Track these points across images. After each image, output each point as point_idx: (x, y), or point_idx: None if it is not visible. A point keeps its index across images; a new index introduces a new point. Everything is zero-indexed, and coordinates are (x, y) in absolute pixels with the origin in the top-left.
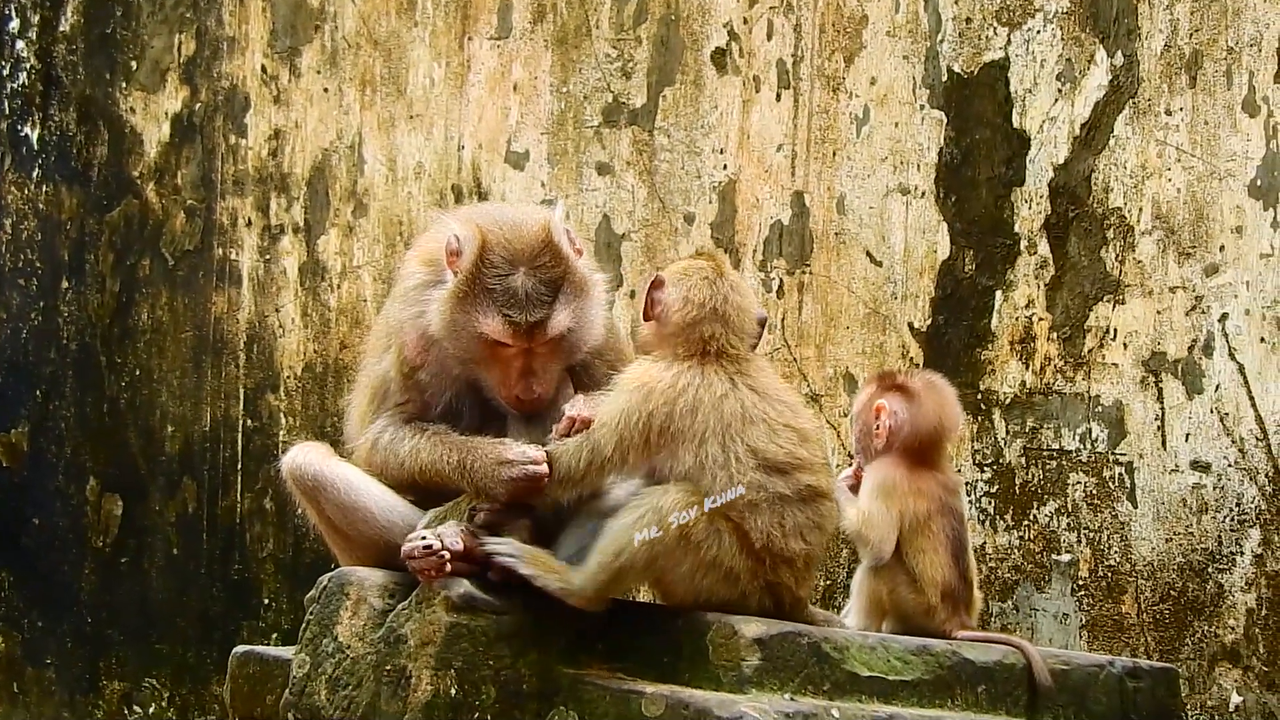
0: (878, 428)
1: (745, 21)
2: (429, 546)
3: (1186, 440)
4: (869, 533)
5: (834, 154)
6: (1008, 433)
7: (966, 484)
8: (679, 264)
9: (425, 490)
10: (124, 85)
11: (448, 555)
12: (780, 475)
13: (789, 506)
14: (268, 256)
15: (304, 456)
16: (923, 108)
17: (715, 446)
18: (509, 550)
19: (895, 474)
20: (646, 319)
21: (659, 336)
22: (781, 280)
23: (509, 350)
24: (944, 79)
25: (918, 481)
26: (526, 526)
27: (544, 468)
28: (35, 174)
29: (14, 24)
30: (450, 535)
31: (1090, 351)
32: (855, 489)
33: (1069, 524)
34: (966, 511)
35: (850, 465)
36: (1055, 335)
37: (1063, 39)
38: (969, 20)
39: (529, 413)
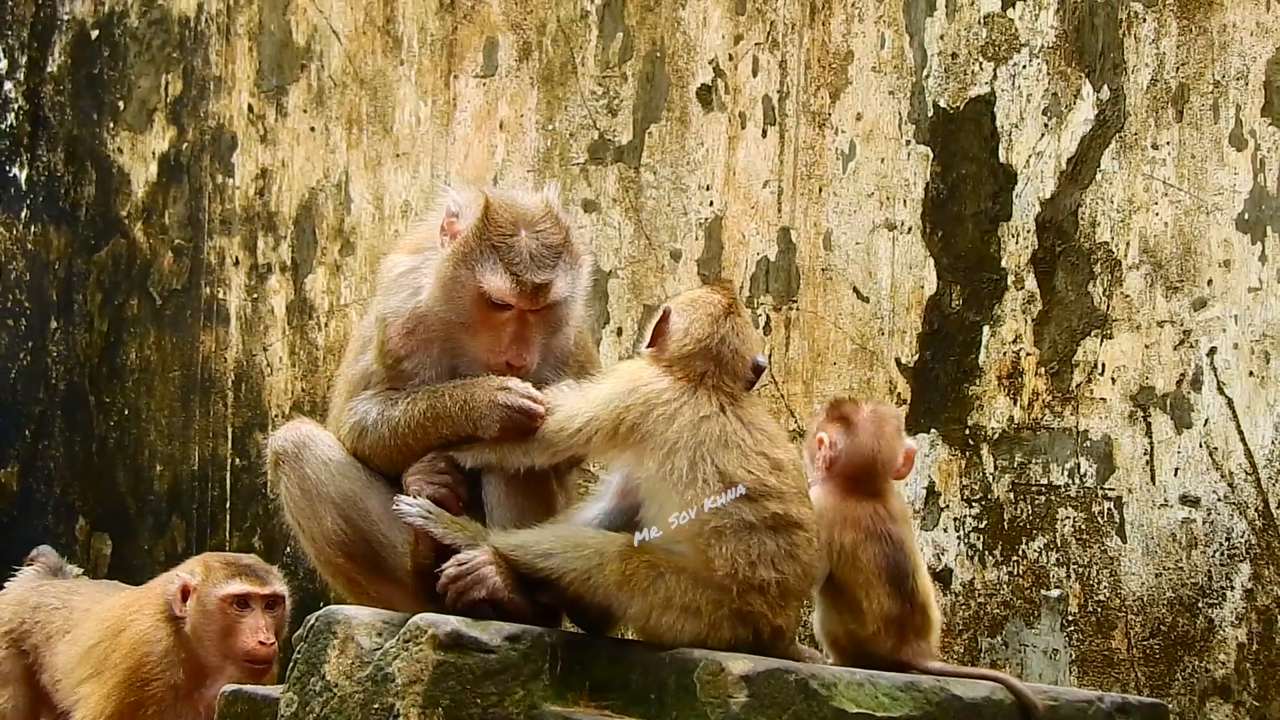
0: (818, 458)
1: (730, 58)
2: None
3: (1175, 475)
4: None
5: (820, 190)
6: (996, 468)
7: (955, 519)
8: (691, 293)
9: (418, 458)
10: (111, 125)
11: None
12: (747, 501)
13: (756, 534)
14: (255, 295)
15: (293, 426)
16: (909, 143)
17: (683, 460)
18: (420, 511)
19: (826, 503)
20: (650, 345)
21: (656, 360)
22: (768, 316)
23: (505, 314)
24: (930, 114)
25: (848, 510)
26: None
27: (540, 406)
28: (23, 214)
29: (2, 65)
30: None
31: (1078, 386)
32: None
33: (1058, 559)
34: (914, 535)
35: None
36: (1043, 370)
37: (1048, 73)
38: (954, 55)
39: None
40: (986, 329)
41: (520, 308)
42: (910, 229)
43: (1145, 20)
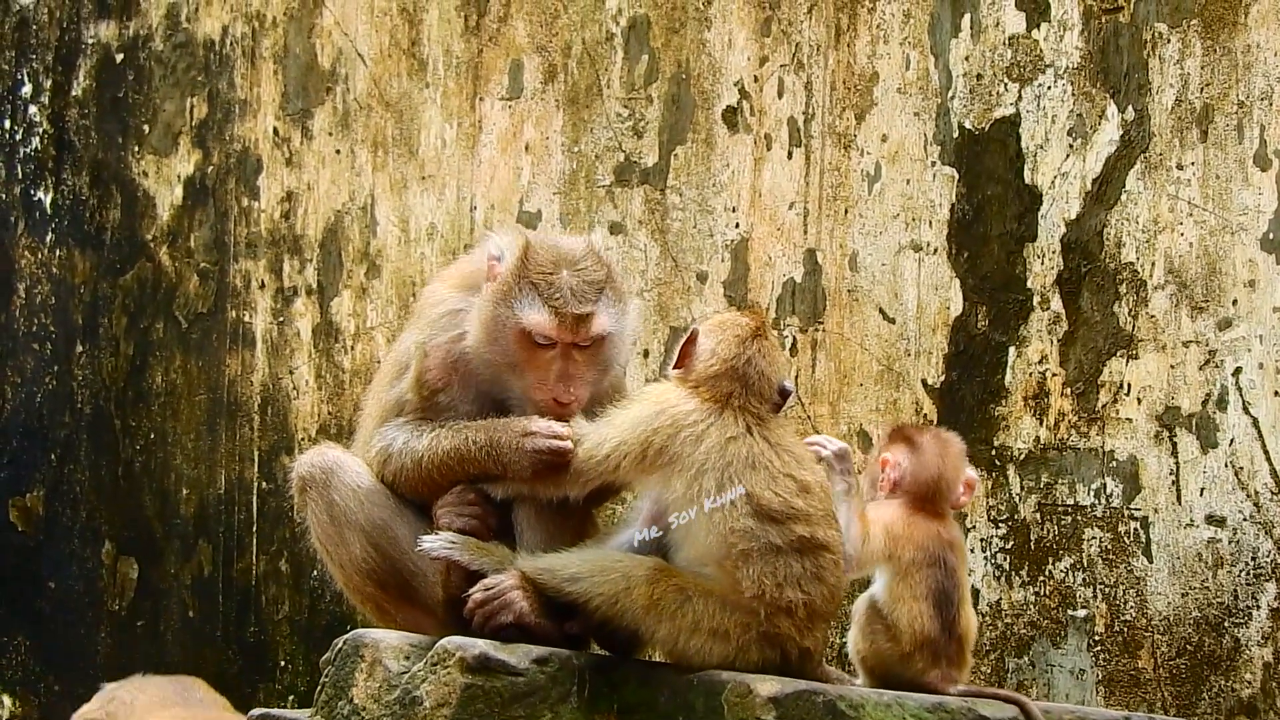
0: (882, 480)
1: (756, 80)
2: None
3: (1201, 495)
4: (859, 531)
5: (846, 211)
6: (1022, 488)
7: (981, 540)
8: (719, 315)
9: (444, 491)
10: (136, 149)
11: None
12: (774, 524)
13: (782, 556)
14: (281, 318)
15: (319, 451)
16: (934, 164)
17: (711, 482)
18: (444, 542)
19: (896, 516)
20: (676, 366)
21: (683, 382)
22: (795, 338)
23: (549, 352)
24: (955, 135)
25: (913, 529)
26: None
27: (567, 443)
28: (49, 238)
29: (26, 89)
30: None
31: (1104, 407)
32: None
33: (1084, 579)
34: (966, 567)
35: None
36: (1069, 391)
37: (1073, 94)
38: (980, 76)
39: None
40: (1012, 350)
41: (563, 342)
42: (936, 250)
43: (1169, 41)
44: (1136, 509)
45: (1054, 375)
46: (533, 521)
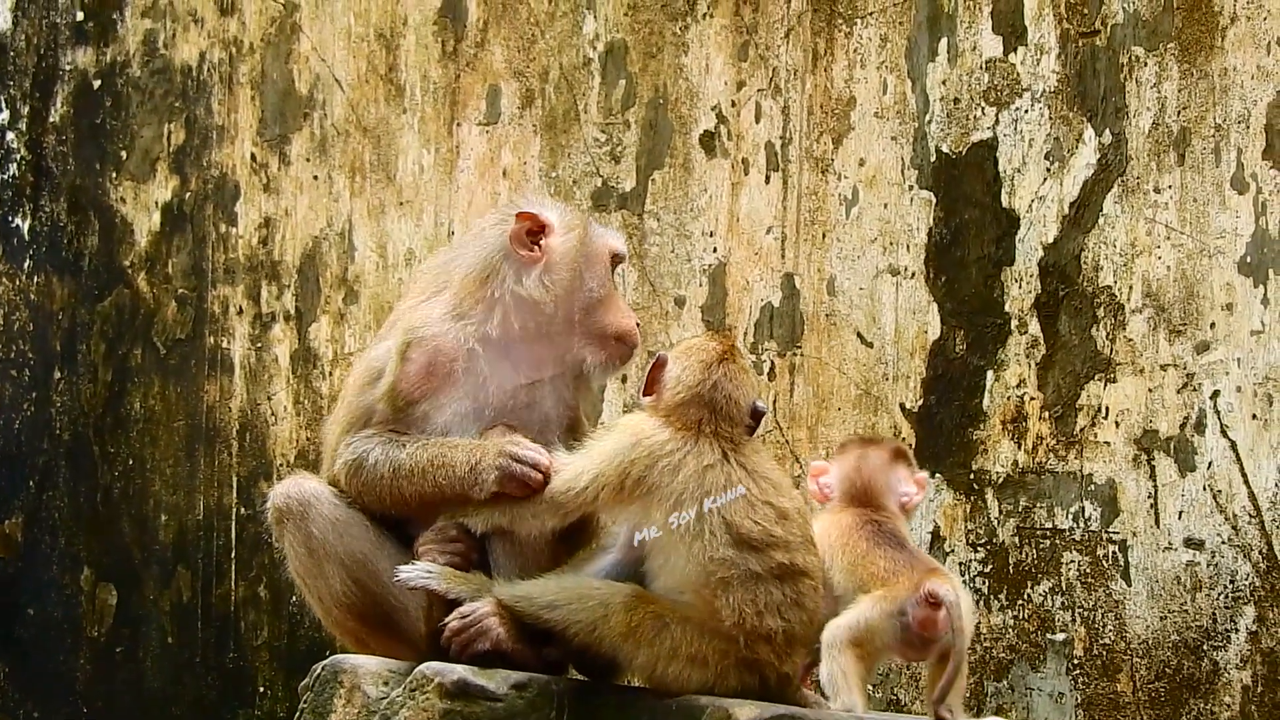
0: (814, 490)
1: (733, 104)
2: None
3: (1179, 518)
4: None
5: (823, 235)
6: (1001, 512)
7: (960, 564)
8: (687, 342)
9: (412, 506)
10: (114, 175)
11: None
12: (754, 552)
13: (762, 584)
14: (259, 344)
15: (295, 482)
16: (911, 188)
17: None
18: (420, 571)
19: (830, 519)
20: (646, 394)
21: (655, 411)
22: (773, 362)
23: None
24: (932, 159)
25: (841, 519)
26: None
27: (538, 474)
28: (26, 265)
29: (4, 115)
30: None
31: (1082, 430)
32: None
33: (1063, 603)
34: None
35: None
36: (1047, 414)
37: (1050, 118)
38: (957, 100)
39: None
40: (990, 373)
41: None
42: (914, 274)
43: (1146, 64)
44: (1115, 532)
45: (1032, 399)
46: (508, 548)
